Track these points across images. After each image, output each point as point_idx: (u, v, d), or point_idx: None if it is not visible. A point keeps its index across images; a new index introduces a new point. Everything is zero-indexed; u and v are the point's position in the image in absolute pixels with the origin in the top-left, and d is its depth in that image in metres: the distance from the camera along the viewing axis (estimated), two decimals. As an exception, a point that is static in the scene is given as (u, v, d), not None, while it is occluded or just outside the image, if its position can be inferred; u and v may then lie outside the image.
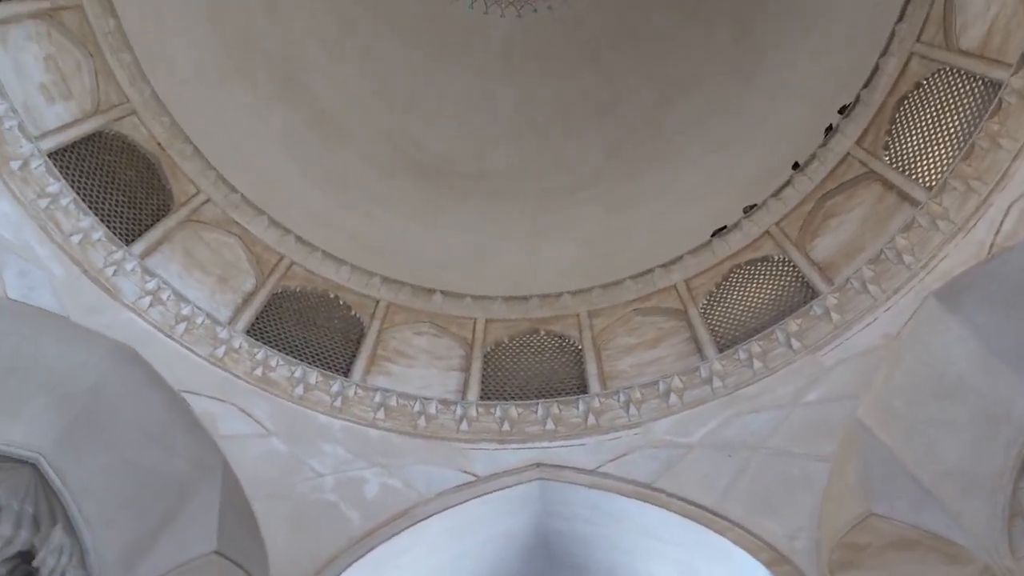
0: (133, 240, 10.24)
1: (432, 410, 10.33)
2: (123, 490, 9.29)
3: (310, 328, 11.31)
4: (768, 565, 8.65)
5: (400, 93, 13.53)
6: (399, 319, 11.96)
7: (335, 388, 10.28)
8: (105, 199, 10.31)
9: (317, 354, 10.95)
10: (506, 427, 10.18)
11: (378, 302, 12.01)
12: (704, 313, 11.05)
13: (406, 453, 9.92)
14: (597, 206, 13.28)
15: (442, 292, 12.35)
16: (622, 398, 10.06)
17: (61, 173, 9.63)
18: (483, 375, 11.23)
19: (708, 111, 13.02)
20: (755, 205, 11.40)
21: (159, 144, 11.32)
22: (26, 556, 9.18)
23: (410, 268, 12.42)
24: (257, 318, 10.82)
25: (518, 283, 12.43)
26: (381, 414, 10.19)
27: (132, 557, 9.41)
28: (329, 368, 10.72)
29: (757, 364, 9.50)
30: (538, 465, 9.71)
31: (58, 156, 9.86)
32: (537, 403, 10.39)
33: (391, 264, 12.33)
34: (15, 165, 9.16)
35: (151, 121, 11.25)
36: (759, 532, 8.83)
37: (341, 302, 11.97)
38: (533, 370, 11.41)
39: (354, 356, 11.10)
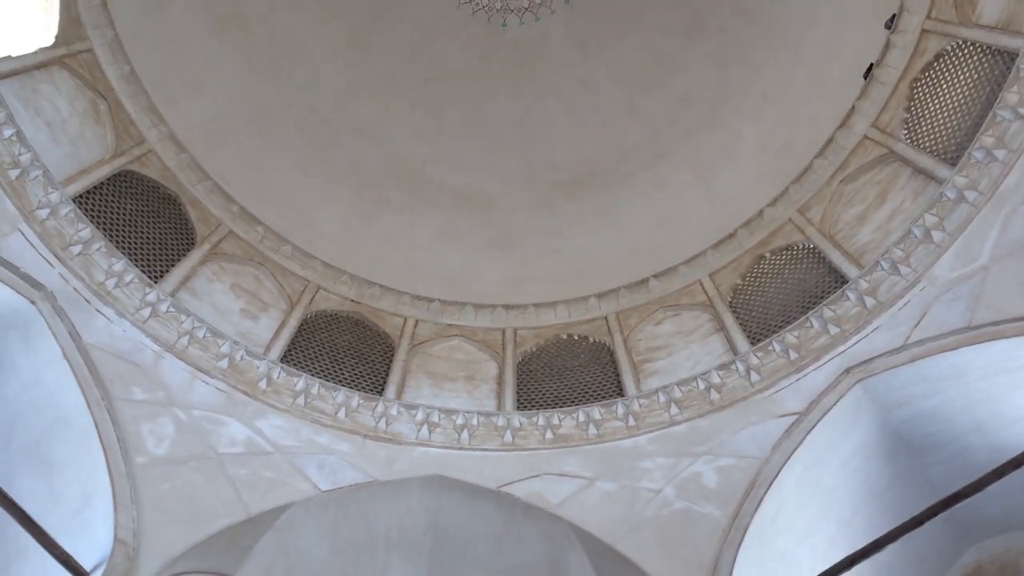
0: (382, 389, 10.85)
1: (716, 379, 10.12)
2: (508, 598, 9.68)
3: (566, 374, 11.51)
4: None
5: (515, 135, 13.70)
6: (633, 321, 11.95)
7: (621, 411, 10.30)
8: (342, 368, 11.08)
9: (586, 392, 11.07)
10: (793, 356, 9.79)
11: (606, 318, 12.10)
12: (911, 142, 10.21)
13: (719, 430, 9.72)
14: (743, 114, 12.71)
15: (654, 276, 12.28)
16: (886, 265, 9.44)
17: (299, 368, 10.43)
18: (738, 323, 10.92)
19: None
20: (895, 15, 10.51)
21: (353, 300, 12.11)
22: None
23: (617, 274, 12.44)
24: (518, 393, 11.12)
25: (719, 225, 12.14)
26: (675, 409, 10.08)
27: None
28: (604, 398, 10.77)
29: (1001, 153, 8.62)
30: (847, 371, 9.22)
31: (288, 356, 10.69)
32: (806, 318, 9.94)
33: (601, 279, 12.46)
34: (263, 385, 10.01)
35: (337, 287, 12.18)
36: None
37: (576, 336, 12.14)
38: (782, 293, 10.96)
39: (618, 376, 11.13)
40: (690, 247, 12.26)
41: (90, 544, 8.47)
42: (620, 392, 10.81)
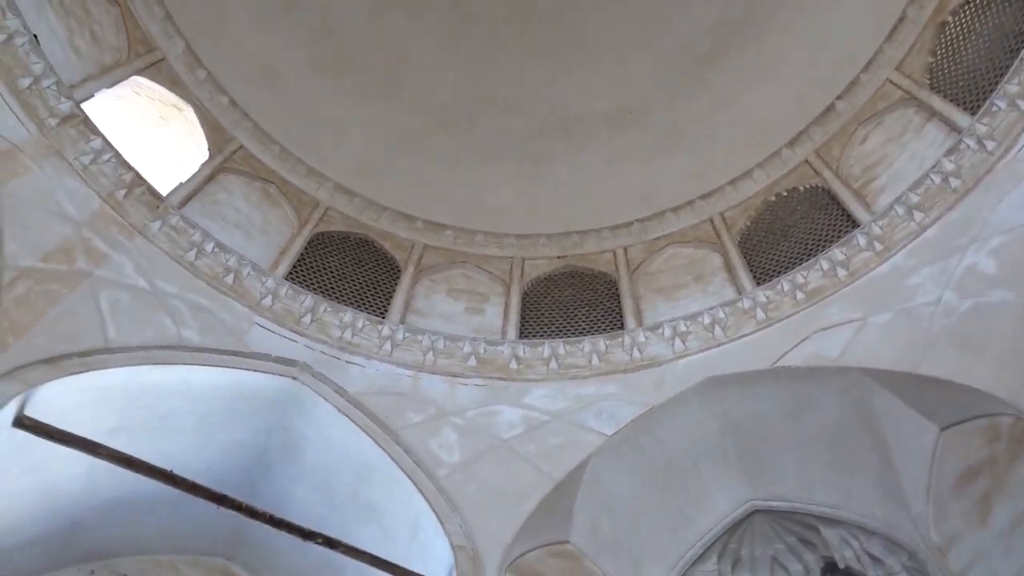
0: (622, 323, 11.08)
1: (949, 167, 9.05)
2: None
3: (791, 233, 11.17)
4: None
5: (635, 36, 13.16)
6: (836, 152, 11.26)
7: (863, 241, 9.54)
8: (576, 320, 11.60)
9: (819, 240, 10.64)
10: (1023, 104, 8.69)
11: (806, 161, 11.61)
12: None
13: (975, 213, 8.64)
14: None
15: (837, 98, 11.54)
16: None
17: (539, 337, 10.87)
18: (948, 100, 9.87)
19: None
20: None
21: (559, 257, 12.68)
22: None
23: (796, 115, 11.92)
24: (752, 270, 10.98)
25: (882, 15, 10.95)
26: (918, 215, 9.14)
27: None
28: (839, 236, 10.15)
29: None
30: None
31: (524, 331, 11.03)
32: (1021, 62, 8.78)
33: (782, 128, 12.02)
34: (513, 365, 10.61)
35: (539, 251, 12.76)
36: None
37: (784, 192, 11.76)
38: (982, 49, 9.73)
39: (844, 210, 10.57)
40: (861, 53, 11.25)
41: (436, 560, 9.08)
42: (853, 224, 10.16)
